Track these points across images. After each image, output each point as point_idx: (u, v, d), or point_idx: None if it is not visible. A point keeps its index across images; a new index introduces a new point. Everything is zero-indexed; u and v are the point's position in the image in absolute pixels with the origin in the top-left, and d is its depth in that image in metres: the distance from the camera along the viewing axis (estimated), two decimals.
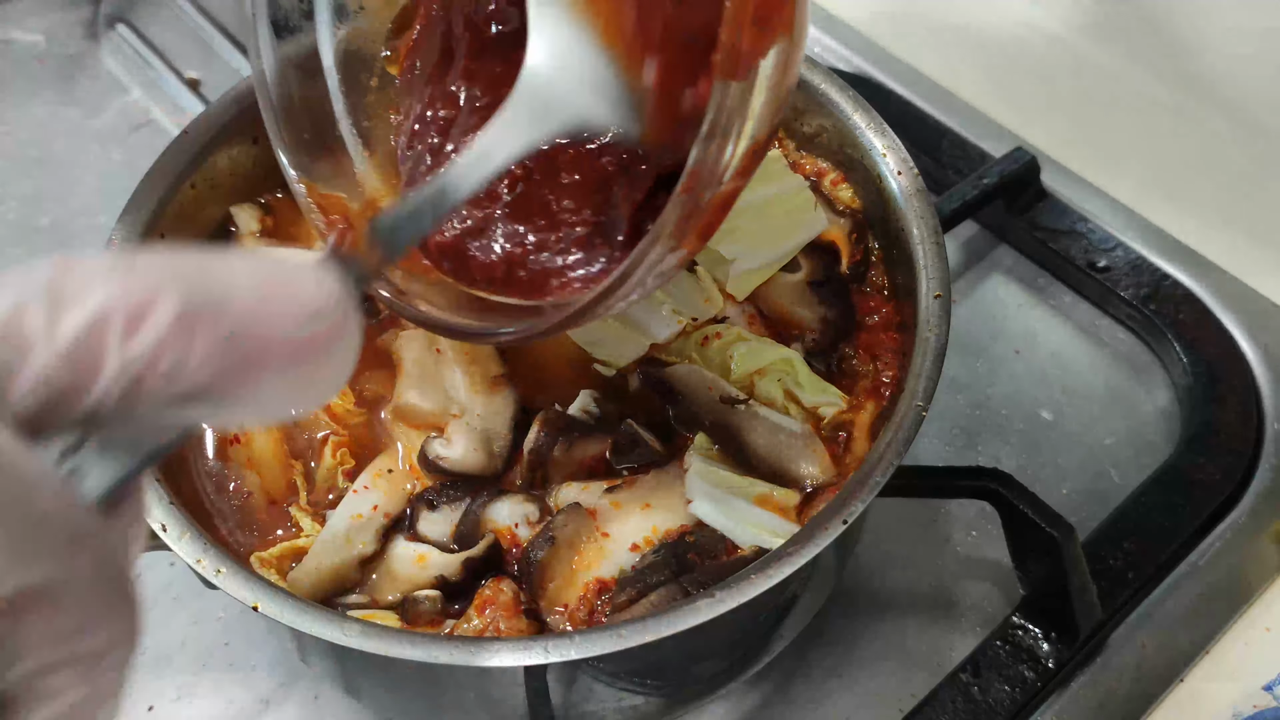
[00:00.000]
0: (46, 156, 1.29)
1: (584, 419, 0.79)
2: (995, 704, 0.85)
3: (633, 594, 0.71)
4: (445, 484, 0.78)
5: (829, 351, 0.84)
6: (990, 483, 0.85)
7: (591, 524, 0.75)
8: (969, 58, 1.30)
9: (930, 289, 0.78)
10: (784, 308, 0.86)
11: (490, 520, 0.76)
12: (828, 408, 0.80)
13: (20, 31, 1.41)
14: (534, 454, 0.77)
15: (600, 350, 0.83)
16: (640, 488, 0.77)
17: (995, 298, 1.13)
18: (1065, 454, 1.02)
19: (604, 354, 0.83)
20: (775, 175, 0.89)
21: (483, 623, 0.71)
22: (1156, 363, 1.08)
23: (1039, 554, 0.85)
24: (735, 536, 0.74)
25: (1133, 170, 1.18)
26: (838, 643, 0.91)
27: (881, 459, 0.69)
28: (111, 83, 1.36)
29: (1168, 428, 1.03)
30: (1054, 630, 0.88)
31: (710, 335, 0.83)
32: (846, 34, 1.33)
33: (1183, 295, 1.09)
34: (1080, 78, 1.27)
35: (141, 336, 0.33)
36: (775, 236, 0.86)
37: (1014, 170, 1.13)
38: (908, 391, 0.73)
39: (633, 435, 0.78)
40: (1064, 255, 1.12)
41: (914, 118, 1.23)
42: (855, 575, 0.94)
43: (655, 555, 0.73)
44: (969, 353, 1.09)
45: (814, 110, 0.90)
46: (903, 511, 0.95)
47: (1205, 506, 0.96)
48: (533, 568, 0.73)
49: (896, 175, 0.84)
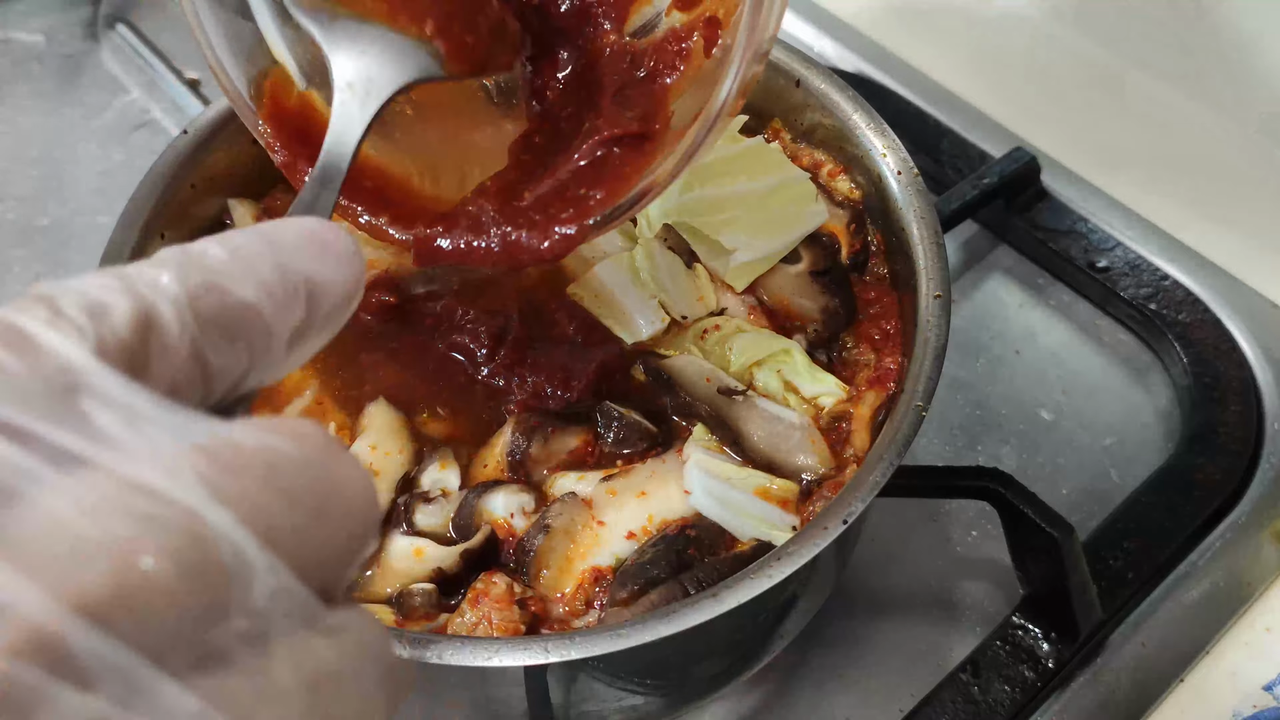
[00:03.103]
0: (46, 156, 1.29)
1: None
2: (995, 704, 0.85)
3: (633, 590, 0.71)
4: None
5: (830, 342, 0.84)
6: (990, 483, 0.85)
7: (587, 512, 0.75)
8: (969, 57, 1.30)
9: (930, 289, 0.78)
10: (785, 299, 0.86)
11: (486, 511, 0.76)
12: (827, 398, 0.80)
13: (20, 31, 1.41)
14: (510, 456, 0.78)
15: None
16: (636, 476, 0.77)
17: (995, 298, 1.13)
18: (1065, 454, 1.02)
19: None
20: (776, 166, 0.89)
21: (476, 616, 0.71)
22: (1156, 363, 1.08)
23: (1039, 554, 0.85)
24: (735, 529, 0.74)
25: (1133, 170, 1.18)
26: (838, 643, 0.91)
27: (881, 459, 0.69)
28: (111, 83, 1.36)
29: (1168, 428, 1.04)
30: (1054, 630, 0.88)
31: (709, 327, 0.84)
32: (846, 34, 1.33)
33: (1183, 295, 1.09)
34: (1080, 77, 1.27)
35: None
36: (776, 228, 0.87)
37: (1014, 170, 1.13)
38: (908, 391, 0.73)
39: (611, 414, 0.79)
40: (1064, 255, 1.12)
41: (914, 118, 1.23)
42: (855, 575, 0.94)
43: (654, 549, 0.73)
44: (969, 353, 1.09)
45: (814, 109, 0.90)
46: (903, 511, 0.95)
47: (1205, 506, 0.96)
48: (528, 557, 0.73)
49: (896, 175, 0.84)
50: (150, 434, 0.28)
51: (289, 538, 0.29)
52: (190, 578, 0.26)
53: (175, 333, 0.32)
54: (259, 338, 0.34)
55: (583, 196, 0.69)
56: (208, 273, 0.33)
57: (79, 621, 0.25)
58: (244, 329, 0.33)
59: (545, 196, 0.70)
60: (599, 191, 0.69)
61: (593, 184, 0.69)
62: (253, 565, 0.28)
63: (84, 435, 0.28)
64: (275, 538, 0.28)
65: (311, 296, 0.35)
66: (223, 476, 0.28)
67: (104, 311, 0.30)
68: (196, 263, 0.33)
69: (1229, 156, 1.18)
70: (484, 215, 0.70)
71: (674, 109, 0.71)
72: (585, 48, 0.75)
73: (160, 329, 0.31)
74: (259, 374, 0.35)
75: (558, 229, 0.68)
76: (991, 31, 1.32)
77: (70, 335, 0.29)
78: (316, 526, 0.30)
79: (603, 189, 0.69)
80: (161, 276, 0.32)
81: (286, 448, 0.30)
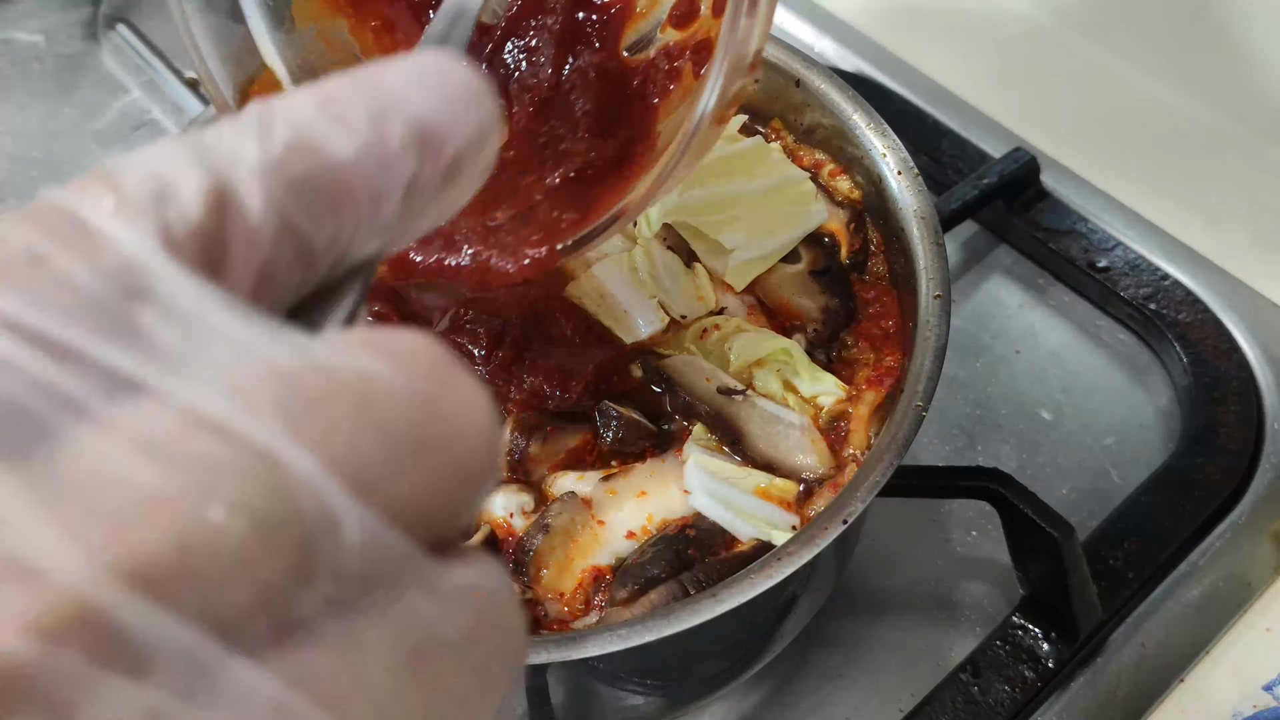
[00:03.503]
0: (46, 156, 1.29)
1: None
2: (995, 704, 0.85)
3: (633, 590, 0.71)
4: None
5: (830, 342, 0.84)
6: (990, 483, 0.85)
7: (587, 512, 0.75)
8: (969, 57, 1.30)
9: (930, 289, 0.78)
10: (785, 298, 0.86)
11: (485, 511, 0.76)
12: (827, 397, 0.80)
13: (20, 31, 1.41)
14: (509, 455, 0.78)
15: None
16: (636, 475, 0.77)
17: (995, 298, 1.13)
18: (1065, 454, 1.02)
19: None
20: (775, 166, 0.89)
21: None
22: (1156, 363, 1.08)
23: (1039, 554, 0.85)
24: (735, 529, 0.74)
25: (1133, 170, 1.18)
26: (838, 643, 0.91)
27: (881, 459, 0.69)
28: (111, 83, 1.36)
29: (1168, 428, 1.03)
30: (1054, 630, 0.88)
31: (709, 327, 0.83)
32: (846, 34, 1.33)
33: (1183, 295, 1.09)
34: (1081, 77, 1.27)
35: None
36: (775, 227, 0.87)
37: (1014, 170, 1.13)
38: (908, 391, 0.73)
39: (610, 414, 0.79)
40: (1064, 255, 1.12)
41: (914, 118, 1.23)
42: (855, 575, 0.94)
43: (654, 549, 0.73)
44: (969, 353, 1.09)
45: (814, 109, 0.90)
46: (903, 511, 0.95)
47: (1205, 506, 0.96)
48: (528, 556, 0.73)
49: (896, 175, 0.84)
50: (219, 351, 0.24)
51: (387, 483, 0.24)
52: (266, 534, 0.22)
53: (259, 208, 0.26)
54: (365, 200, 0.28)
55: (554, 219, 0.68)
56: (294, 129, 0.27)
57: (130, 591, 0.20)
58: (345, 192, 0.28)
59: (517, 217, 0.69)
60: (572, 214, 0.67)
61: (566, 206, 0.68)
62: (340, 517, 0.23)
63: (143, 354, 0.23)
64: (370, 484, 0.23)
65: (426, 144, 0.29)
66: (307, 409, 0.23)
67: (174, 191, 0.26)
68: (281, 119, 0.28)
69: (1229, 156, 1.18)
70: (458, 232, 0.68)
71: (661, 129, 0.71)
72: (575, 65, 0.75)
73: (241, 205, 0.26)
74: (372, 241, 0.30)
75: (528, 251, 0.67)
76: (992, 31, 1.32)
77: (134, 223, 0.25)
78: (420, 470, 0.24)
79: (576, 211, 0.68)
80: (240, 140, 0.27)
81: (386, 372, 0.25)
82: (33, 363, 0.22)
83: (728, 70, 0.58)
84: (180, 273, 0.25)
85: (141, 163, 0.26)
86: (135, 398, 0.23)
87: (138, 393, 0.23)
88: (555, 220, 0.68)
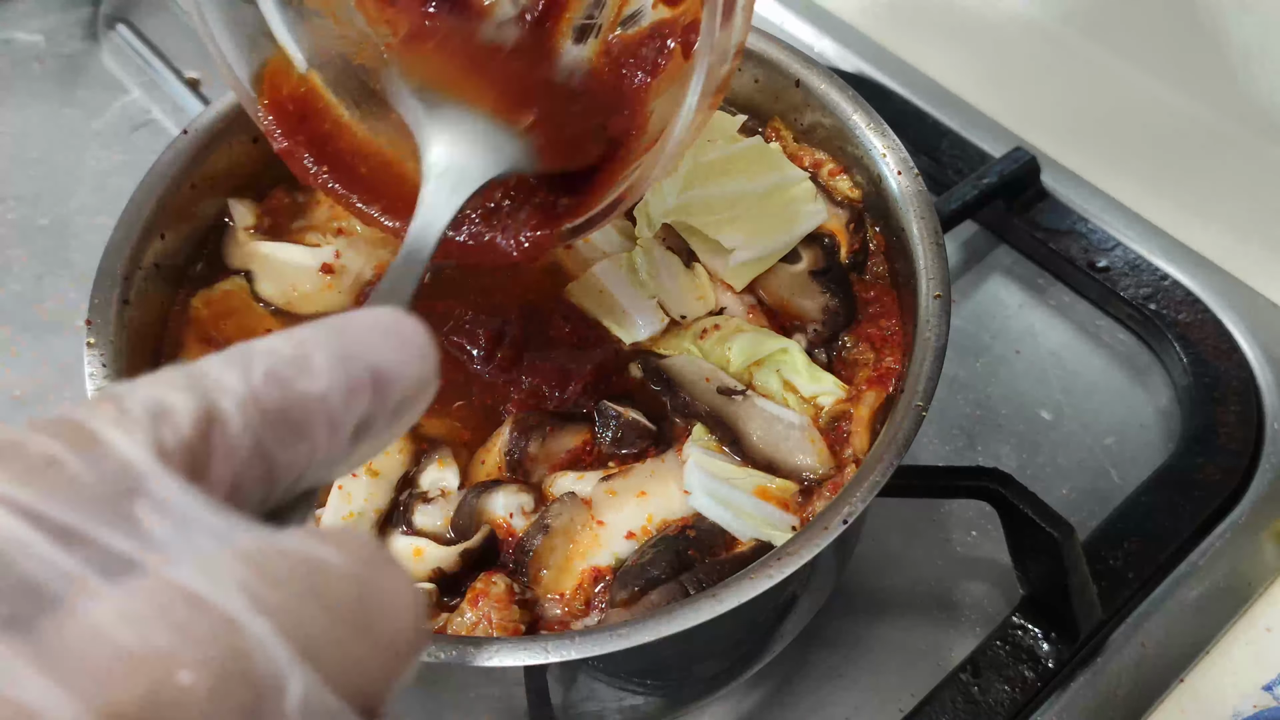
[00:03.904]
0: (46, 156, 1.29)
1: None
2: (995, 704, 0.85)
3: (633, 590, 0.71)
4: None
5: (830, 342, 0.84)
6: (990, 483, 0.85)
7: (586, 512, 0.75)
8: (969, 57, 1.30)
9: (930, 289, 0.78)
10: (785, 298, 0.86)
11: (486, 511, 0.76)
12: (827, 397, 0.80)
13: (20, 31, 1.41)
14: (509, 455, 0.78)
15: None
16: (636, 476, 0.77)
17: (995, 298, 1.13)
18: (1065, 454, 1.02)
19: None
20: (775, 166, 0.89)
21: (475, 615, 0.71)
22: (1156, 363, 1.08)
23: (1039, 554, 0.85)
24: (735, 530, 0.74)
25: (1133, 170, 1.18)
26: (838, 643, 0.91)
27: (881, 459, 0.69)
28: (111, 83, 1.36)
29: (1168, 428, 1.03)
30: (1054, 630, 0.88)
31: (708, 327, 0.83)
32: (846, 34, 1.33)
33: (1183, 295, 1.09)
34: (1080, 77, 1.27)
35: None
36: (775, 227, 0.87)
37: (1014, 170, 1.13)
38: (907, 391, 0.73)
39: (609, 414, 0.79)
40: (1064, 255, 1.12)
41: (914, 118, 1.23)
42: (855, 575, 0.94)
43: (654, 549, 0.73)
44: (969, 353, 1.09)
45: (814, 109, 0.90)
46: (903, 511, 0.95)
47: (1205, 506, 0.96)
48: (528, 556, 0.73)
49: (896, 175, 0.84)
50: (198, 539, 0.29)
51: (329, 651, 0.29)
52: (224, 692, 0.26)
53: (237, 429, 0.32)
54: (323, 430, 0.34)
55: (550, 203, 0.69)
56: (271, 366, 0.33)
57: None
58: (308, 422, 0.33)
59: (516, 200, 0.70)
60: (568, 199, 0.69)
61: (563, 190, 0.69)
62: (287, 678, 0.27)
63: (134, 539, 0.28)
64: (314, 651, 0.28)
65: (378, 387, 0.35)
66: (265, 585, 0.28)
67: (168, 411, 0.31)
68: (261, 356, 0.33)
69: (1229, 156, 1.18)
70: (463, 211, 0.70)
71: (653, 109, 0.71)
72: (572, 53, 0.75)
73: (223, 426, 0.32)
74: (323, 469, 0.35)
75: (525, 234, 0.68)
76: (992, 31, 1.32)
77: (134, 435, 0.30)
78: (358, 641, 0.29)
79: (572, 196, 0.69)
80: (225, 373, 0.32)
81: (332, 558, 0.30)
82: (46, 545, 0.28)
83: (717, 47, 0.61)
84: (169, 475, 0.30)
85: (141, 386, 0.32)
86: (128, 573, 0.28)
87: (131, 569, 0.28)
88: (551, 204, 0.69)
